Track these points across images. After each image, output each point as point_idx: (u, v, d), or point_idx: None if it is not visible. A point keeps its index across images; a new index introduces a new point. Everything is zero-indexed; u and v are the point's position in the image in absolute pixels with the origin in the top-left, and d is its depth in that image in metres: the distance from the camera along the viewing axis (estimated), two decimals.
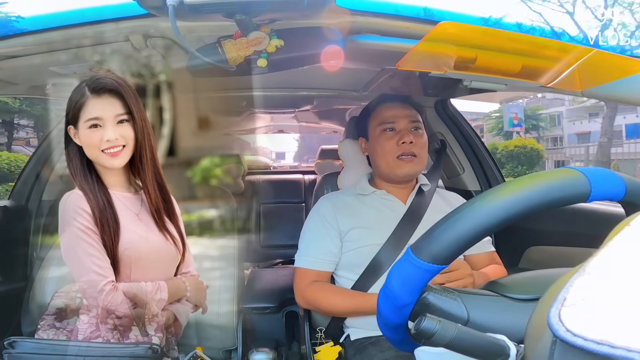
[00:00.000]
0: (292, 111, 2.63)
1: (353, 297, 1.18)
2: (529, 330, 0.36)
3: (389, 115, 1.29)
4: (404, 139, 1.25)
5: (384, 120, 1.29)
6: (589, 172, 0.48)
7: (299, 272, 1.26)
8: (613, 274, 0.28)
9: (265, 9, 0.91)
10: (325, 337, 1.27)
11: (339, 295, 1.20)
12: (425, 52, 0.89)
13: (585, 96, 0.97)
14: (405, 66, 0.93)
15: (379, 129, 1.29)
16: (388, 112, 1.30)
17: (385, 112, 1.30)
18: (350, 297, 1.18)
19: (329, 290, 1.22)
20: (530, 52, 0.90)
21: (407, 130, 1.27)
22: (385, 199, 1.31)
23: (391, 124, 1.28)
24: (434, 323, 0.44)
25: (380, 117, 1.30)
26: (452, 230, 0.47)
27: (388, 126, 1.28)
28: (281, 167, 7.91)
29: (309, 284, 1.22)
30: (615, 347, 0.23)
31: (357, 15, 0.97)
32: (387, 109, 1.31)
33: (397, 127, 1.28)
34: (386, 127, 1.28)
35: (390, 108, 1.31)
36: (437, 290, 0.50)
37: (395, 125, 1.28)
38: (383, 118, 1.29)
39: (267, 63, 0.98)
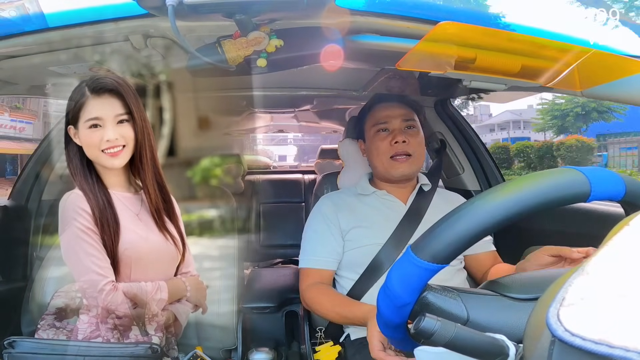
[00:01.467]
0: (292, 111, 2.63)
1: (342, 307, 1.15)
2: (527, 329, 0.36)
3: (381, 115, 1.30)
4: (397, 139, 1.25)
5: (378, 121, 1.29)
6: (589, 171, 0.48)
7: (304, 273, 1.25)
8: (612, 273, 0.28)
9: (265, 8, 0.91)
10: (325, 337, 1.27)
11: (329, 301, 1.17)
12: (424, 52, 0.89)
13: (585, 96, 0.97)
14: (405, 66, 0.93)
15: (373, 130, 1.30)
16: (381, 112, 1.30)
17: (378, 112, 1.31)
18: (340, 306, 1.15)
19: (325, 296, 1.19)
20: (530, 52, 0.90)
21: (400, 129, 1.27)
22: (385, 199, 1.31)
23: (384, 124, 1.28)
24: (433, 322, 0.44)
25: (374, 118, 1.31)
26: (452, 229, 0.47)
27: (381, 126, 1.29)
28: (281, 167, 7.91)
29: (310, 285, 1.22)
30: (613, 346, 0.23)
31: (356, 14, 0.96)
32: (380, 110, 1.31)
33: (390, 127, 1.28)
34: (380, 128, 1.29)
35: (384, 108, 1.31)
36: (437, 290, 0.50)
37: (388, 125, 1.28)
38: (377, 119, 1.30)
39: (266, 63, 0.98)
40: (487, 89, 1.04)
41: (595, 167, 0.50)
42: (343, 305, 1.15)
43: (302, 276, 1.26)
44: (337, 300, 1.17)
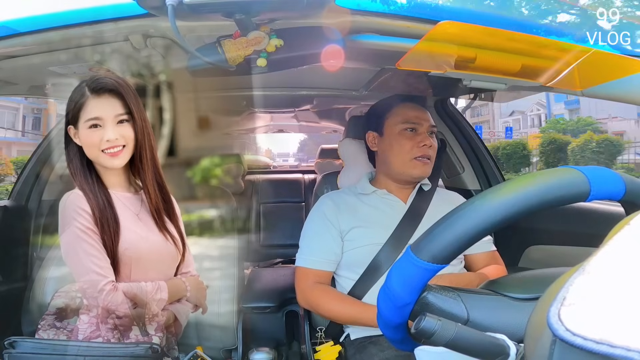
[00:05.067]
0: (292, 110, 2.63)
1: (352, 307, 1.16)
2: (528, 329, 0.36)
3: (413, 115, 1.28)
4: (425, 142, 1.25)
5: (408, 120, 1.28)
6: (589, 171, 0.48)
7: (301, 272, 1.25)
8: (613, 273, 0.28)
9: (265, 8, 0.91)
10: (325, 337, 1.27)
11: (339, 302, 1.18)
12: (424, 52, 0.89)
13: (585, 96, 0.97)
14: (405, 66, 0.93)
15: (399, 127, 1.28)
16: (412, 112, 1.29)
17: (409, 112, 1.29)
18: (350, 306, 1.17)
19: (331, 296, 1.20)
20: (530, 51, 0.90)
21: (427, 133, 1.28)
22: (385, 199, 1.31)
23: (414, 125, 1.27)
24: (434, 322, 0.44)
25: (404, 115, 1.29)
26: (452, 229, 0.47)
27: (410, 126, 1.27)
28: (281, 167, 7.91)
29: (311, 285, 1.22)
30: (614, 346, 0.23)
31: (356, 14, 0.97)
32: (410, 110, 1.30)
33: (419, 129, 1.27)
34: (408, 127, 1.27)
35: (414, 109, 1.30)
36: (437, 290, 0.50)
37: (418, 126, 1.28)
38: (407, 117, 1.28)
39: (266, 62, 0.98)
40: (487, 88, 1.04)
41: (595, 166, 0.50)
42: (354, 306, 1.16)
43: (299, 275, 1.25)
44: (347, 302, 1.18)
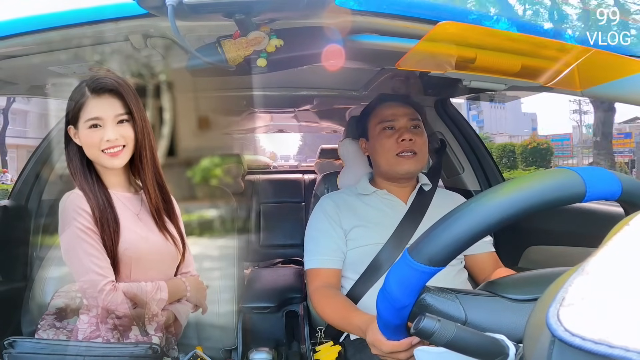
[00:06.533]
0: (292, 111, 2.63)
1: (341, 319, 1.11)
2: (527, 329, 0.36)
3: (388, 113, 1.30)
4: (404, 137, 1.26)
5: (384, 119, 1.30)
6: (584, 171, 0.48)
7: (311, 274, 1.24)
8: (612, 273, 0.28)
9: (265, 8, 0.91)
10: (325, 337, 1.27)
11: (332, 311, 1.14)
12: (424, 52, 0.89)
13: (585, 96, 0.97)
14: (405, 66, 0.93)
15: (378, 128, 1.30)
16: (387, 110, 1.31)
17: (384, 110, 1.31)
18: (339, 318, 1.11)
19: (326, 302, 1.16)
20: (529, 51, 0.90)
21: (406, 128, 1.28)
22: (386, 199, 1.31)
23: (391, 122, 1.29)
24: (433, 322, 0.45)
25: (380, 115, 1.31)
26: (448, 232, 0.47)
27: (387, 124, 1.29)
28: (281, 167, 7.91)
29: (315, 288, 1.20)
30: (613, 346, 0.23)
31: (356, 14, 0.96)
32: (386, 108, 1.31)
33: (396, 125, 1.28)
34: (386, 126, 1.29)
35: (390, 107, 1.31)
36: (435, 292, 0.50)
37: (395, 123, 1.29)
38: (383, 116, 1.30)
39: (266, 63, 0.98)
40: (487, 88, 1.04)
41: (590, 166, 0.50)
42: (343, 314, 1.10)
43: (310, 277, 1.24)
44: (338, 308, 1.13)
